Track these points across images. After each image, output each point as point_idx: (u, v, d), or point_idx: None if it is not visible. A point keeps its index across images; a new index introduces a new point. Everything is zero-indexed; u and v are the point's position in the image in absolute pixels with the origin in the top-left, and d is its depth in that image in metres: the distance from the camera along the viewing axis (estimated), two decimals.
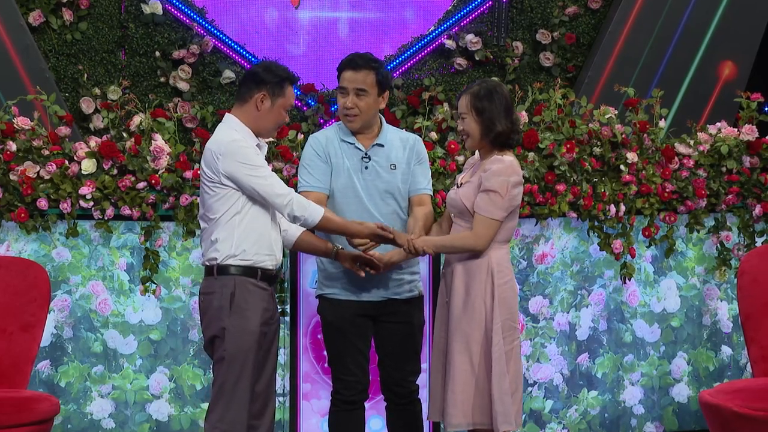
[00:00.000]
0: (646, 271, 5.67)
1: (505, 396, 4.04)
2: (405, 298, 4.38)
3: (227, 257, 4.00)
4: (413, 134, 4.53)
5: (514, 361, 4.11)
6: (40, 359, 5.17)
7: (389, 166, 4.35)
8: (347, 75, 4.30)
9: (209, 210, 4.03)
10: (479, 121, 4.12)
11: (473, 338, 4.10)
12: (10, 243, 5.15)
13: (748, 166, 5.67)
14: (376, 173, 4.32)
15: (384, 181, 4.33)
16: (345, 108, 4.30)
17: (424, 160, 4.45)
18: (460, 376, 4.10)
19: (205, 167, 4.03)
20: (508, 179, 4.05)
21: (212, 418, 4.00)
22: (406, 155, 4.38)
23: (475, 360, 4.09)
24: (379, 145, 4.36)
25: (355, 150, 4.34)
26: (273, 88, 4.06)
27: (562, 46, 7.32)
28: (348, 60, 4.34)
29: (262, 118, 4.08)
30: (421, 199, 4.41)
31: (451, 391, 4.11)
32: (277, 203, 3.99)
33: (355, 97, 4.29)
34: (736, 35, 7.21)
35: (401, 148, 4.39)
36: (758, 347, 5.06)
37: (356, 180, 4.31)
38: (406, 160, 4.38)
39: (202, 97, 6.93)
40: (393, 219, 4.34)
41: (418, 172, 4.41)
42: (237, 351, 3.96)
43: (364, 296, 4.32)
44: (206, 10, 7.00)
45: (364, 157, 4.33)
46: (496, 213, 4.06)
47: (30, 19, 6.62)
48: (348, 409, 4.36)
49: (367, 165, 4.32)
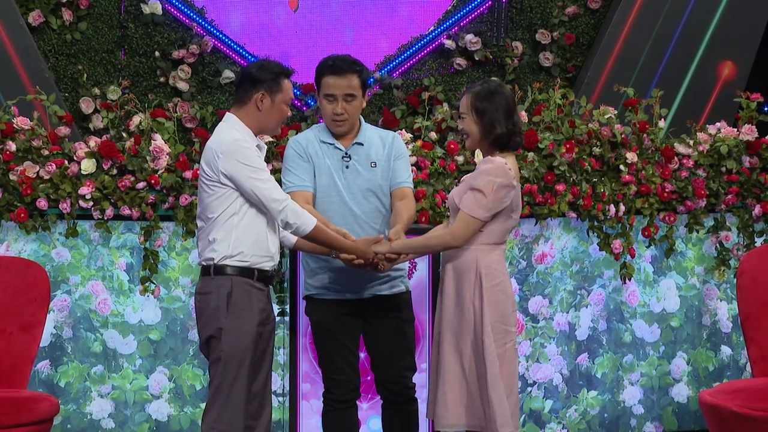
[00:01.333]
0: (645, 271, 5.67)
1: (501, 399, 4.03)
2: (392, 294, 4.39)
3: (224, 257, 3.99)
4: (392, 131, 4.54)
5: (508, 364, 4.09)
6: (40, 359, 5.17)
7: (369, 164, 4.36)
8: (332, 81, 4.28)
9: (207, 209, 4.03)
10: (479, 122, 4.11)
11: (463, 340, 4.08)
12: (10, 243, 5.15)
13: (747, 166, 5.68)
14: (357, 172, 4.33)
15: (365, 179, 4.33)
16: (335, 114, 4.30)
17: (402, 155, 4.45)
18: (451, 377, 4.09)
19: (205, 166, 4.02)
20: (494, 180, 4.03)
21: (209, 419, 4.00)
22: (386, 152, 4.39)
23: (466, 361, 4.08)
24: (359, 144, 4.37)
25: (335, 150, 4.35)
26: (270, 85, 4.06)
27: (561, 46, 7.31)
28: (330, 65, 4.30)
29: (264, 117, 4.08)
30: (402, 192, 4.40)
31: (441, 392, 4.10)
32: (272, 208, 3.99)
33: (345, 103, 4.29)
34: (736, 35, 7.21)
35: (380, 146, 4.40)
36: (758, 347, 5.06)
37: (337, 179, 4.31)
38: (385, 157, 4.39)
39: (201, 97, 6.92)
40: (375, 216, 4.35)
41: (398, 167, 4.41)
42: (234, 351, 3.96)
43: (351, 294, 4.33)
44: (206, 10, 7.00)
45: (345, 156, 4.34)
46: (477, 212, 4.04)
47: (29, 19, 6.62)
48: (341, 408, 4.37)
49: (347, 164, 4.33)
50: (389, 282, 4.38)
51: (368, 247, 4.16)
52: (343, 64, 4.29)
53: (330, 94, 4.29)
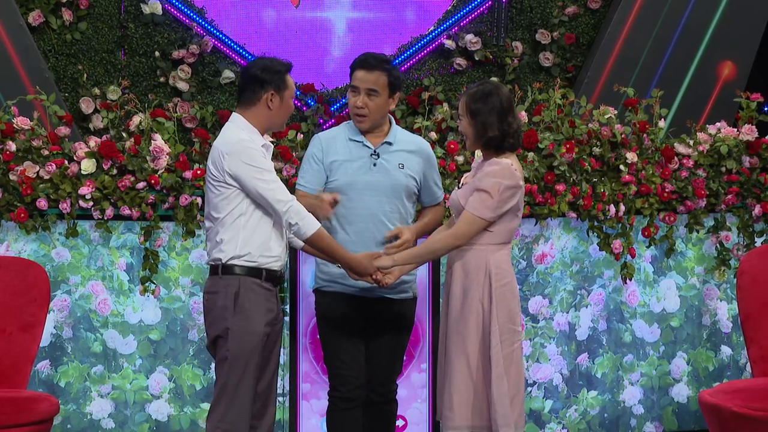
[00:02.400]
0: (645, 271, 5.67)
1: (504, 399, 4.03)
2: (399, 299, 4.39)
3: (232, 258, 3.99)
4: (422, 138, 4.58)
5: (515, 365, 4.09)
6: (40, 359, 5.17)
7: (398, 165, 4.37)
8: (359, 74, 4.32)
9: (214, 209, 4.03)
10: (473, 124, 4.12)
11: (470, 340, 4.09)
12: (10, 243, 5.15)
13: (747, 166, 5.67)
14: (385, 171, 4.35)
15: (392, 178, 4.35)
16: (355, 107, 4.33)
17: (435, 166, 4.52)
18: (458, 379, 4.09)
19: (211, 166, 4.03)
20: (501, 181, 4.05)
21: (214, 418, 4.00)
22: (417, 159, 4.41)
23: (473, 362, 4.08)
24: (387, 143, 4.38)
25: (363, 147, 4.36)
26: (278, 83, 4.08)
27: (561, 46, 7.32)
28: (361, 59, 4.36)
29: (275, 116, 4.11)
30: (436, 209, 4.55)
31: (448, 393, 4.10)
32: (276, 208, 3.99)
33: (366, 97, 4.31)
34: (736, 35, 7.21)
35: (410, 150, 4.42)
36: (758, 347, 5.06)
37: (364, 177, 4.32)
38: (417, 163, 4.41)
39: (201, 97, 6.93)
40: (395, 217, 4.36)
41: (434, 182, 4.51)
42: (240, 351, 3.95)
43: (359, 291, 4.33)
44: (206, 10, 7.00)
45: (373, 154, 4.35)
46: (483, 212, 4.06)
47: (29, 19, 6.62)
48: (346, 407, 4.35)
49: (375, 162, 4.34)
50: (401, 285, 4.38)
51: (370, 261, 4.15)
52: (374, 60, 4.34)
53: (354, 86, 4.33)
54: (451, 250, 4.14)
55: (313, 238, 4.03)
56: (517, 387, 4.09)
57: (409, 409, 5.15)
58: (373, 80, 4.30)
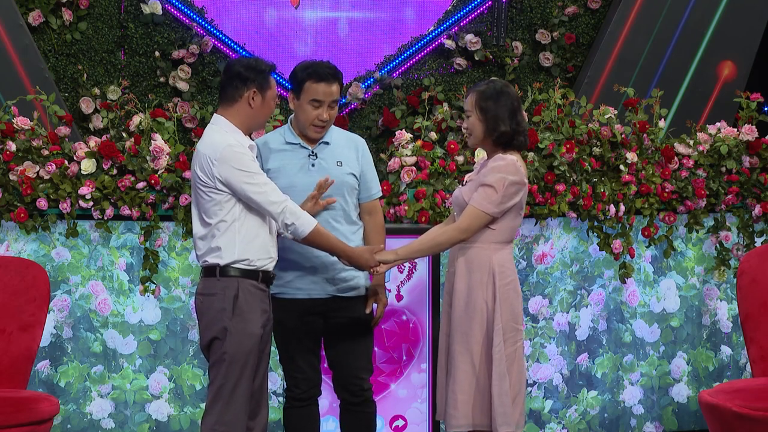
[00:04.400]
0: (645, 271, 5.68)
1: (504, 397, 4.04)
2: (348, 296, 4.39)
3: (231, 263, 3.99)
4: (356, 135, 4.55)
5: (518, 364, 4.10)
6: (40, 359, 5.17)
7: (336, 163, 4.37)
8: (322, 88, 4.28)
9: (206, 214, 4.01)
10: (483, 120, 4.13)
11: (474, 339, 4.10)
12: (10, 243, 5.15)
13: (747, 166, 5.68)
14: (324, 170, 4.33)
15: (332, 177, 4.32)
16: (320, 120, 4.30)
17: (371, 162, 4.49)
18: (461, 377, 4.10)
19: (198, 171, 3.99)
20: (506, 177, 4.07)
21: (209, 420, 3.98)
22: (354, 155, 4.41)
23: (476, 361, 4.09)
24: (325, 143, 4.38)
25: (301, 149, 4.35)
26: (261, 82, 4.05)
27: (561, 46, 7.32)
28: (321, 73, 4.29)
29: (256, 115, 4.07)
30: (373, 206, 4.46)
31: (452, 392, 4.11)
32: (270, 211, 3.98)
33: (330, 110, 4.32)
34: (736, 35, 7.22)
35: (347, 146, 4.42)
36: (757, 347, 5.06)
37: (303, 178, 4.31)
38: (355, 159, 4.40)
39: (201, 97, 6.93)
40: (339, 215, 4.35)
41: (370, 177, 4.46)
42: (238, 353, 3.94)
43: (312, 293, 4.33)
44: (206, 9, 7.00)
45: (311, 155, 4.35)
46: (487, 206, 4.07)
47: (29, 19, 6.62)
48: (300, 405, 4.41)
49: (314, 162, 4.34)
50: (349, 281, 4.37)
51: (371, 255, 4.15)
52: (331, 70, 4.31)
53: (317, 100, 4.29)
54: (455, 243, 4.15)
55: (312, 236, 4.02)
56: (518, 386, 4.10)
57: (409, 409, 5.15)
58: (335, 92, 4.30)
